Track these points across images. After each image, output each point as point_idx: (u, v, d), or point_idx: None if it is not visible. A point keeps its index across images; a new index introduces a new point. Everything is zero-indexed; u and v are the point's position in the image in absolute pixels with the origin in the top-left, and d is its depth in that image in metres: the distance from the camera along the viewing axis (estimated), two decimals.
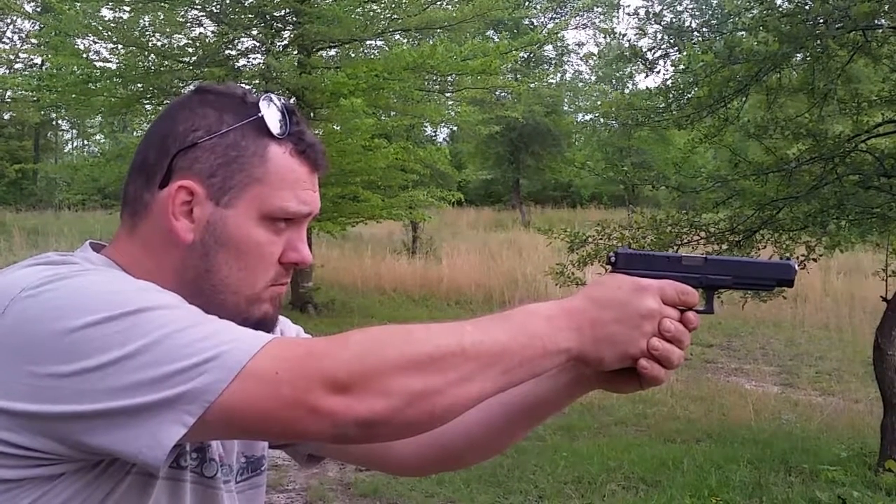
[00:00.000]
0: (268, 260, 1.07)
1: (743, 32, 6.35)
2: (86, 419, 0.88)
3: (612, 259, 1.11)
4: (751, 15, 6.24)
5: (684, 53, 6.73)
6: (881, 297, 6.13)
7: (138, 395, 0.87)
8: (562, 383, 1.17)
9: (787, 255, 6.22)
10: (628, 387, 1.10)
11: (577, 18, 36.55)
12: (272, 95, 1.08)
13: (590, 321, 1.00)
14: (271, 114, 1.06)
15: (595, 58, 38.32)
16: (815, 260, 6.40)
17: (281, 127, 1.06)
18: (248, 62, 13.14)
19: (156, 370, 0.87)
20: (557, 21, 30.32)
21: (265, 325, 1.07)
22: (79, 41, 12.61)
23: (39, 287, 0.92)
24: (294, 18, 12.34)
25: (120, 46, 12.56)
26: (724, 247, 6.15)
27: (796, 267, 1.13)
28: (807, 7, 5.64)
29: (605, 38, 36.93)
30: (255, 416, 0.89)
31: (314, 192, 1.10)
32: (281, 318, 1.25)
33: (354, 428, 0.89)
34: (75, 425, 0.88)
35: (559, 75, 38.60)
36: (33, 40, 22.85)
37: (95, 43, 12.76)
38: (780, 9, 5.87)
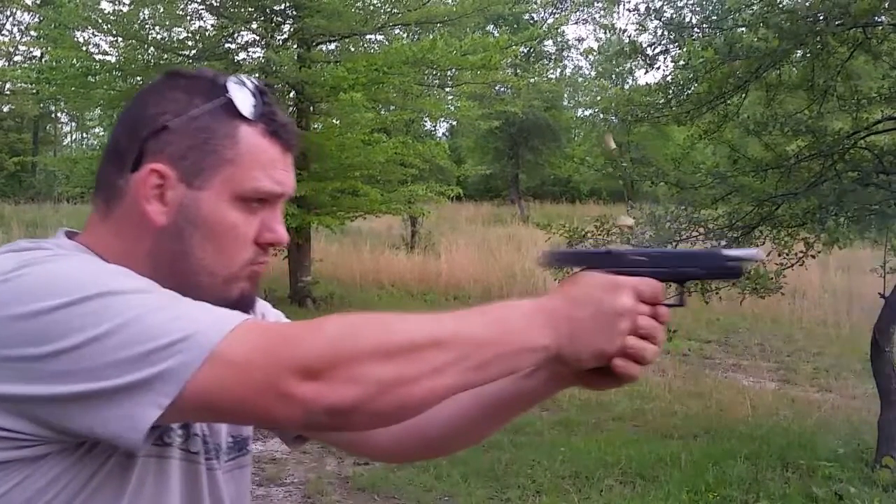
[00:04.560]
0: (242, 241, 1.07)
1: (743, 29, 6.35)
2: (60, 402, 0.88)
3: (541, 261, 1.08)
4: (751, 11, 6.23)
5: (684, 49, 6.73)
6: (879, 293, 6.14)
7: (111, 376, 0.87)
8: (538, 380, 1.16)
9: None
10: (604, 384, 1.08)
11: (578, 13, 36.46)
12: (243, 77, 1.07)
13: (566, 319, 0.98)
14: (242, 95, 1.05)
15: (595, 53, 38.23)
16: (813, 256, 6.41)
17: (252, 108, 1.05)
18: (247, 56, 13.10)
19: (128, 351, 0.87)
20: (557, 16, 30.23)
21: (244, 301, 1.07)
22: (78, 34, 12.56)
23: (11, 272, 0.92)
24: (294, 12, 12.32)
25: (119, 39, 12.53)
26: (724, 243, 6.15)
27: (731, 253, 1.06)
28: (807, 4, 5.64)
29: (605, 33, 36.82)
30: (228, 400, 0.89)
31: (288, 172, 1.09)
32: (263, 303, 1.26)
33: (325, 416, 0.88)
34: (51, 407, 0.89)
35: (559, 70, 38.56)
36: (33, 32, 22.77)
37: (95, 36, 12.70)
38: (781, 5, 5.87)
